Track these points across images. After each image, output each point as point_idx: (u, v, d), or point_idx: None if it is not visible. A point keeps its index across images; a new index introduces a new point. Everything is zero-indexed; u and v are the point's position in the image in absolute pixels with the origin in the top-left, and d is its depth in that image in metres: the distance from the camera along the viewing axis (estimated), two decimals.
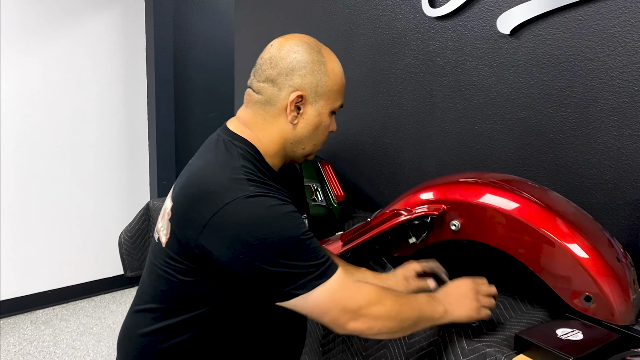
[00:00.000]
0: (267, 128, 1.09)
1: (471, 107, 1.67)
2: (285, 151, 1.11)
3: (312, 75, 1.06)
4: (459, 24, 1.67)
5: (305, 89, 1.06)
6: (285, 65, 1.06)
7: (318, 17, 2.12)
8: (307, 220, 1.69)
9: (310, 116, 1.08)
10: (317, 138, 1.11)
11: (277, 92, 1.07)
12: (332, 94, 1.09)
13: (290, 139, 1.09)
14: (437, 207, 1.26)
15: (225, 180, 1.00)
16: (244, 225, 0.95)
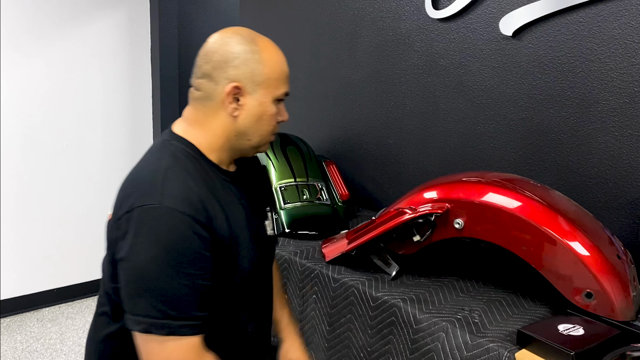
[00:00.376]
0: (209, 124, 1.07)
1: (474, 107, 1.69)
2: (231, 145, 1.08)
3: (246, 65, 1.04)
4: (462, 25, 1.69)
5: (241, 80, 1.03)
6: (218, 58, 1.04)
7: (322, 18, 2.14)
8: (300, 218, 1.71)
9: (250, 107, 1.05)
10: (262, 128, 1.08)
11: (214, 86, 1.04)
12: (271, 81, 1.06)
13: (233, 131, 1.07)
14: (441, 206, 1.29)
15: (142, 183, 1.00)
16: (142, 235, 0.95)
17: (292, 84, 1.39)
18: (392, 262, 1.40)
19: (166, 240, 0.94)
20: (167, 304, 0.94)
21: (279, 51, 1.10)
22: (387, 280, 1.37)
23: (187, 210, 0.95)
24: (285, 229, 1.68)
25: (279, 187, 1.79)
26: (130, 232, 0.95)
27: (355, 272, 1.42)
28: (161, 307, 0.93)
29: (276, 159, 1.87)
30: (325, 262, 1.48)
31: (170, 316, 0.94)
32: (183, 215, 0.95)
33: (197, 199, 0.98)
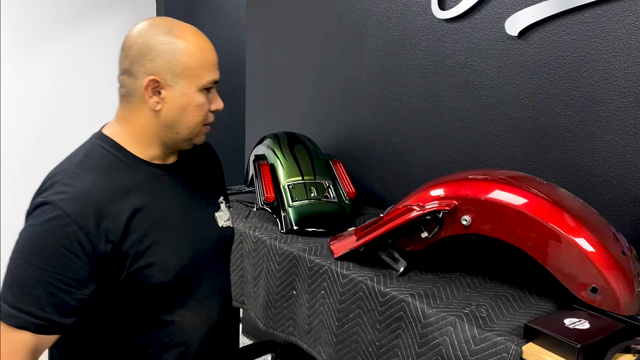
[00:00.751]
0: (134, 120, 1.06)
1: (480, 106, 1.71)
2: (161, 139, 1.07)
3: (163, 56, 1.01)
4: (467, 26, 1.71)
5: (159, 72, 1.01)
6: (134, 52, 1.02)
7: (329, 18, 2.17)
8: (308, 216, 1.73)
9: (173, 99, 1.03)
10: (189, 120, 1.05)
11: (134, 81, 1.03)
12: (193, 71, 1.03)
13: (159, 126, 1.05)
14: (448, 203, 1.31)
15: (47, 179, 1.03)
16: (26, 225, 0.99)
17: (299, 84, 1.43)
18: (400, 258, 1.42)
19: (36, 232, 0.96)
20: (11, 292, 0.95)
21: (200, 39, 1.06)
22: (395, 276, 1.40)
23: (68, 208, 0.95)
24: (294, 226, 1.70)
25: (287, 185, 1.82)
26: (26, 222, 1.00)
27: (363, 268, 1.44)
28: (7, 293, 0.95)
29: (284, 157, 1.90)
30: (334, 259, 1.50)
31: (9, 303, 0.94)
32: (62, 213, 0.95)
33: (87, 201, 0.97)
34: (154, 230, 1.04)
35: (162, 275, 1.05)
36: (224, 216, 1.22)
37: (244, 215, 1.89)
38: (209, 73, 1.06)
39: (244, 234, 1.75)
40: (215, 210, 1.20)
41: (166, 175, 1.10)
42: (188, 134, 1.08)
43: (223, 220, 1.21)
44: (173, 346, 1.12)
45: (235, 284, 1.80)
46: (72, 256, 0.95)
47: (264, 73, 2.55)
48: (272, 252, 1.63)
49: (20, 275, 0.95)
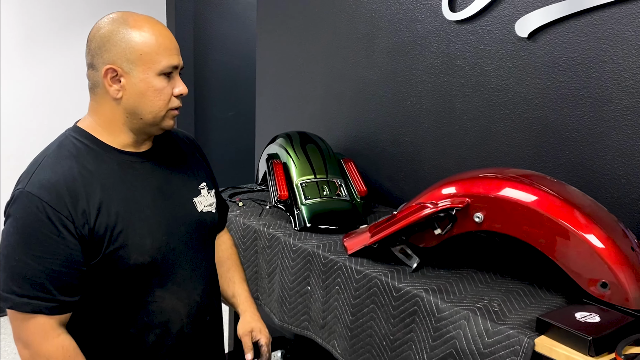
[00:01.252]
0: (101, 111, 1.13)
1: (490, 106, 1.75)
2: (129, 126, 1.13)
3: (117, 45, 1.07)
4: (478, 27, 1.75)
5: (115, 61, 1.07)
6: (93, 45, 1.09)
7: (340, 19, 2.20)
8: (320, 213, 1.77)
9: (131, 85, 1.08)
10: (150, 104, 1.10)
11: (96, 73, 1.09)
12: (147, 56, 1.07)
13: (123, 113, 1.11)
14: (461, 200, 1.34)
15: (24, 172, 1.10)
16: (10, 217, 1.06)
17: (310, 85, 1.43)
18: (413, 254, 1.46)
19: (22, 224, 1.03)
20: (13, 281, 1.03)
21: (154, 26, 1.11)
22: (409, 272, 1.43)
23: (44, 196, 1.03)
24: (307, 224, 1.74)
25: (300, 183, 1.85)
26: (7, 214, 1.07)
27: (377, 264, 1.47)
28: (8, 282, 1.03)
29: (296, 156, 1.93)
30: (347, 255, 1.53)
31: (14, 292, 1.03)
32: (39, 201, 1.02)
33: (62, 186, 1.04)
34: (127, 213, 1.10)
35: (139, 256, 1.11)
36: (204, 201, 1.27)
37: (257, 213, 1.93)
38: (165, 58, 1.09)
39: (258, 231, 1.79)
40: (195, 196, 1.25)
41: (139, 162, 1.16)
42: (152, 119, 1.12)
43: (203, 206, 1.26)
44: (154, 327, 1.17)
45: (249, 280, 1.83)
46: (60, 240, 1.03)
47: (275, 73, 2.59)
48: (287, 249, 1.67)
49: (19, 267, 1.03)
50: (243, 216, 1.88)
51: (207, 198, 1.29)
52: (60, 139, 1.15)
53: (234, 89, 3.90)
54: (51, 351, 1.05)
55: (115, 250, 1.09)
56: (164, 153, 1.23)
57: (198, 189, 1.28)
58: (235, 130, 3.97)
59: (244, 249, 1.84)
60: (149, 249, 1.13)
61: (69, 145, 1.12)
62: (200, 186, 1.29)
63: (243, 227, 1.84)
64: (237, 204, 2.01)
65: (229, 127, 3.94)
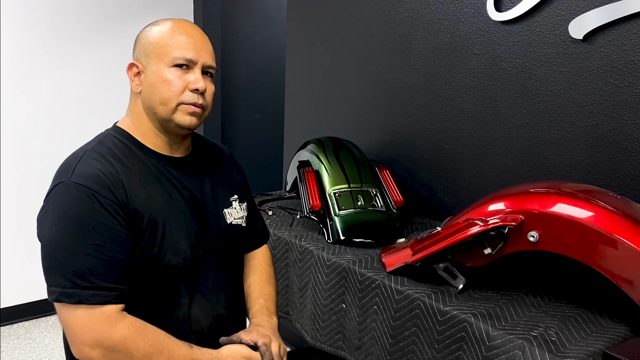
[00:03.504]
0: (132, 109, 1.16)
1: (538, 113, 1.63)
2: (153, 126, 1.14)
3: (140, 43, 1.12)
4: (526, 28, 1.63)
5: (138, 57, 1.12)
6: None
7: (375, 19, 2.10)
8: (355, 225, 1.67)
9: (147, 78, 1.11)
10: (159, 95, 1.09)
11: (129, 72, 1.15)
12: (160, 48, 1.09)
13: (144, 109, 1.13)
14: (514, 218, 1.23)
15: (63, 165, 1.09)
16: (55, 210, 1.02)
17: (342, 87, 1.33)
18: (459, 274, 1.35)
19: (73, 213, 1.00)
20: (76, 274, 0.98)
21: (179, 24, 1.13)
22: (454, 293, 1.33)
23: (93, 185, 1.01)
24: (341, 236, 1.64)
25: (333, 192, 1.76)
26: (47, 209, 1.03)
27: (419, 284, 1.37)
28: (70, 276, 0.98)
29: (329, 163, 1.84)
30: (386, 272, 1.43)
31: (78, 285, 0.98)
32: (88, 190, 1.01)
33: (106, 177, 1.03)
34: (164, 212, 1.09)
35: (172, 257, 1.09)
36: (234, 214, 1.24)
37: (288, 223, 1.84)
38: (178, 50, 1.09)
39: (289, 243, 1.70)
40: (225, 207, 1.24)
41: (174, 167, 1.15)
42: (164, 112, 1.10)
43: (233, 218, 1.24)
44: (177, 335, 1.11)
45: (279, 294, 1.75)
46: (118, 227, 1.02)
47: (305, 75, 2.49)
48: (320, 263, 1.58)
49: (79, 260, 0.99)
50: (273, 226, 1.80)
51: (238, 211, 1.27)
52: (100, 137, 1.16)
53: (262, 90, 3.82)
54: (124, 334, 1.01)
55: (151, 247, 1.07)
56: (199, 161, 1.23)
57: (230, 200, 1.26)
58: (262, 133, 3.89)
59: (275, 261, 1.75)
60: (183, 251, 1.11)
61: (108, 143, 1.12)
62: (232, 198, 1.27)
63: (274, 238, 1.75)
64: (267, 213, 1.92)
65: (255, 129, 3.86)
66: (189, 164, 1.19)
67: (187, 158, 1.20)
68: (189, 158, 1.20)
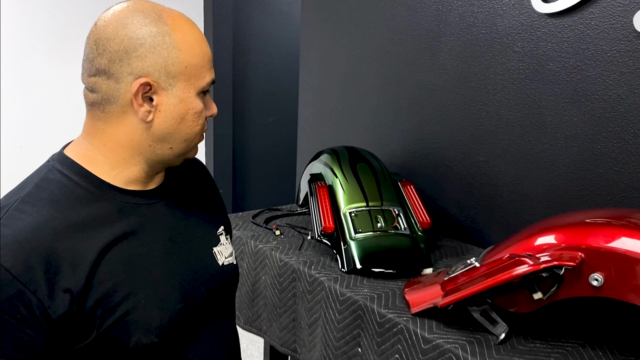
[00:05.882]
0: (112, 134, 0.84)
1: (593, 121, 1.38)
2: (146, 157, 0.86)
3: (156, 52, 0.80)
4: (579, 22, 1.38)
5: (152, 73, 0.80)
6: (115, 47, 0.80)
7: (399, 13, 1.86)
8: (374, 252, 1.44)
9: (169, 106, 0.83)
10: (187, 131, 0.86)
11: (115, 85, 0.81)
12: (192, 69, 0.83)
13: (148, 140, 0.85)
14: (572, 256, 0.99)
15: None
16: None
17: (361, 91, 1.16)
18: (500, 320, 1.11)
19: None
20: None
21: (195, 29, 0.86)
22: (494, 343, 1.08)
23: (8, 261, 0.72)
24: (357, 265, 1.41)
25: (349, 212, 1.52)
26: None
27: (450, 330, 1.13)
28: None
29: (345, 178, 1.61)
30: (410, 314, 1.20)
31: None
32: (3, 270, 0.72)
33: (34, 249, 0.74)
34: (129, 277, 0.82)
35: (142, 336, 0.82)
36: (224, 251, 1.00)
37: (297, 245, 1.61)
38: (209, 72, 0.87)
39: (297, 271, 1.47)
40: (214, 245, 0.99)
41: (147, 204, 0.88)
42: (184, 148, 0.88)
43: (224, 257, 0.99)
44: None
45: (286, 328, 1.52)
46: (19, 325, 0.73)
47: (321, 77, 2.26)
48: (332, 297, 1.34)
49: None
50: (280, 250, 1.57)
51: (227, 246, 1.01)
52: (41, 174, 0.85)
53: (276, 93, 3.61)
54: None
55: (109, 331, 0.80)
56: (175, 189, 0.96)
57: (217, 235, 1.00)
58: (275, 138, 3.67)
59: (280, 291, 1.52)
60: (157, 326, 0.84)
61: (51, 185, 0.82)
62: (218, 231, 1.01)
63: (280, 264, 1.53)
64: (274, 233, 1.69)
65: (269, 134, 3.65)
66: (163, 195, 0.93)
67: (161, 187, 0.93)
68: (163, 187, 0.94)
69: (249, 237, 1.66)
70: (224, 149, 3.42)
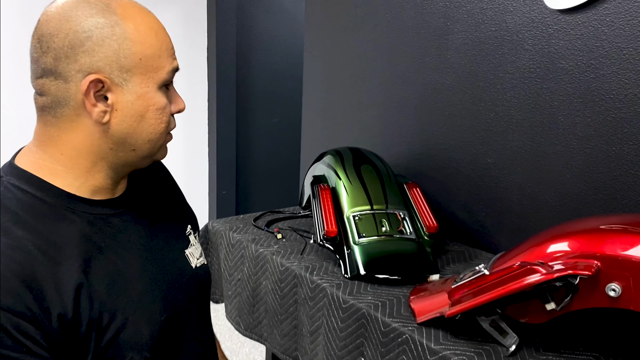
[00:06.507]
0: (67, 141, 0.77)
1: (607, 122, 1.32)
2: (108, 162, 0.80)
3: (105, 45, 0.73)
4: (593, 18, 1.32)
5: (103, 69, 0.73)
6: (60, 43, 0.72)
7: (404, 11, 1.81)
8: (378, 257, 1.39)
9: (126, 104, 0.76)
10: (149, 130, 0.79)
11: (64, 85, 0.74)
12: (148, 61, 0.76)
13: (107, 144, 0.78)
14: (587, 264, 0.93)
15: None
16: None
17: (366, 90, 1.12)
18: (510, 330, 1.05)
19: None
20: None
21: (150, 16, 0.79)
22: (504, 355, 1.03)
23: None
24: (361, 271, 1.36)
25: (353, 215, 1.47)
26: None
27: (458, 340, 1.08)
28: None
29: (348, 180, 1.55)
30: (416, 323, 1.14)
31: None
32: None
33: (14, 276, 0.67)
34: (113, 294, 0.77)
35: (136, 353, 0.78)
36: (195, 252, 0.95)
37: (299, 249, 1.56)
38: (167, 61, 0.79)
39: (299, 277, 1.42)
40: (185, 247, 0.94)
41: (116, 214, 0.83)
42: (149, 150, 0.81)
43: (196, 259, 0.94)
44: None
45: (287, 335, 1.47)
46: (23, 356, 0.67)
47: (325, 77, 2.21)
48: (334, 304, 1.29)
49: None
50: (281, 254, 1.52)
51: (196, 247, 0.97)
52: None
53: (280, 92, 3.56)
54: None
55: (104, 352, 0.75)
56: (140, 193, 0.90)
57: (186, 236, 0.96)
58: (279, 139, 3.62)
59: (281, 297, 1.47)
60: (147, 340, 0.80)
61: (10, 203, 0.74)
62: (187, 232, 0.96)
63: (281, 269, 1.48)
64: (276, 236, 1.64)
65: (273, 134, 3.60)
66: (131, 202, 0.87)
67: (127, 194, 0.87)
68: (129, 193, 0.88)
69: (249, 240, 1.61)
70: (227, 149, 3.38)
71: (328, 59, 2.18)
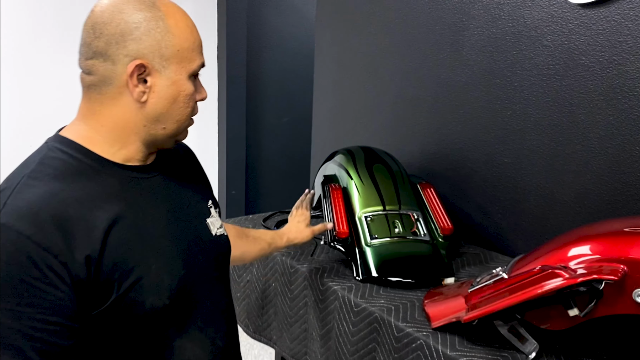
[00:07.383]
0: (108, 115, 0.89)
1: (630, 121, 1.27)
2: (141, 137, 0.91)
3: (150, 35, 0.86)
4: (615, 12, 1.27)
5: (146, 55, 0.86)
6: (112, 30, 0.85)
7: (419, 6, 1.76)
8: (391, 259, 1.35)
9: (162, 87, 0.88)
10: (179, 112, 0.91)
11: (112, 67, 0.86)
12: (184, 53, 0.89)
13: (142, 120, 0.90)
14: (613, 269, 0.89)
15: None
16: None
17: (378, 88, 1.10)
18: (529, 337, 1.01)
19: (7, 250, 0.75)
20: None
21: (186, 16, 0.92)
22: None
23: (25, 228, 0.76)
24: (373, 273, 1.32)
25: (365, 216, 1.43)
26: None
27: (474, 347, 1.03)
28: None
29: (360, 180, 1.51)
30: (431, 328, 1.10)
31: None
32: (18, 235, 0.75)
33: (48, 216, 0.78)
34: (138, 244, 0.87)
35: (156, 299, 0.87)
36: (216, 223, 1.06)
37: (309, 251, 1.52)
38: (199, 56, 0.93)
39: (309, 279, 1.38)
40: (207, 217, 1.05)
41: (145, 178, 0.94)
42: (176, 129, 0.94)
43: (216, 228, 1.05)
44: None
45: (297, 339, 1.44)
46: (49, 288, 0.76)
47: (336, 74, 2.17)
48: (346, 307, 1.26)
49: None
50: (291, 255, 1.48)
51: (217, 219, 1.07)
52: (41, 153, 0.88)
53: (290, 91, 3.52)
54: None
55: (125, 294, 0.84)
56: (169, 166, 1.01)
57: (208, 207, 1.05)
58: (289, 138, 3.59)
59: (291, 299, 1.44)
60: (167, 287, 0.89)
61: (54, 162, 0.86)
62: (209, 204, 1.06)
63: (290, 271, 1.44)
64: None
65: (282, 133, 3.56)
66: (159, 169, 0.98)
67: (156, 163, 0.98)
68: (158, 163, 0.98)
69: None
70: (237, 149, 3.35)
71: (339, 57, 2.14)
